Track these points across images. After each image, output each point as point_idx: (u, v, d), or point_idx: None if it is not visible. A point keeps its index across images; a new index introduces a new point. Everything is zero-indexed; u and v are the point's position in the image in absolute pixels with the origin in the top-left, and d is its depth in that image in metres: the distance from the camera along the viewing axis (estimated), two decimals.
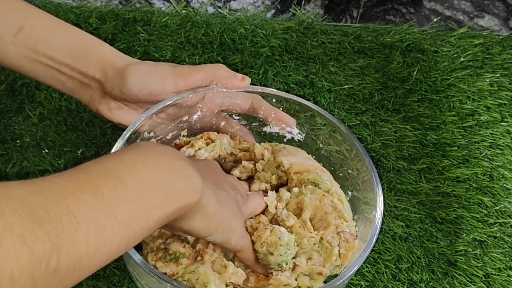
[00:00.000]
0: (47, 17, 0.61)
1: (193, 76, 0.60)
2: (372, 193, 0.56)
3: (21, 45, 0.58)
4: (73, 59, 0.59)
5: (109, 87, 0.59)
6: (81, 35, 0.61)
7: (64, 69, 0.60)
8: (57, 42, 0.59)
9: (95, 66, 0.60)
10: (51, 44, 0.59)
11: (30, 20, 0.59)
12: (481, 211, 0.71)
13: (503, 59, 0.90)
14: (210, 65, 0.62)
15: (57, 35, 0.59)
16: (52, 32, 0.59)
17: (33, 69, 0.60)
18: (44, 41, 0.59)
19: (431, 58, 0.88)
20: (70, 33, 0.60)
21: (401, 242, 0.68)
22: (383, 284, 0.64)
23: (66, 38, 0.60)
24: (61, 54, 0.59)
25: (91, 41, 0.61)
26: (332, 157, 0.63)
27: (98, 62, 0.60)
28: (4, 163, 0.70)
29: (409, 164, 0.75)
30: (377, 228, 0.53)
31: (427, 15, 1.00)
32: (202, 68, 0.61)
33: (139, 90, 0.58)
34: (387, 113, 0.80)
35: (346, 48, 0.88)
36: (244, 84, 0.62)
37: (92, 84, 0.61)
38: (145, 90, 0.58)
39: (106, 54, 0.60)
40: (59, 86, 0.62)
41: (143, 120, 0.57)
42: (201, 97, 0.61)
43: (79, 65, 0.60)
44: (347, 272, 0.50)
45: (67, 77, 0.61)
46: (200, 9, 0.93)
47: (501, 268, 0.67)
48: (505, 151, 0.78)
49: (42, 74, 0.61)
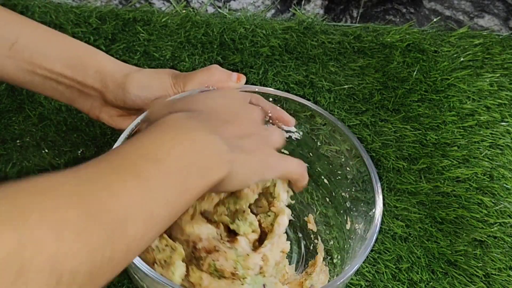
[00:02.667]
0: (41, 29, 0.61)
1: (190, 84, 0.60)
2: (372, 193, 0.56)
3: (17, 58, 0.58)
4: (71, 69, 0.59)
5: (110, 97, 0.60)
6: (76, 44, 0.61)
7: (61, 79, 0.60)
8: (52, 53, 0.59)
9: (93, 76, 0.60)
10: (47, 55, 0.59)
11: (24, 33, 0.59)
12: (481, 211, 0.71)
13: (503, 59, 0.90)
14: (204, 70, 0.61)
15: (52, 46, 0.59)
16: (47, 43, 0.59)
17: (30, 81, 0.61)
18: (39, 53, 0.59)
19: (431, 58, 0.88)
20: (65, 43, 0.60)
21: (401, 242, 0.68)
22: (383, 284, 0.64)
23: (62, 48, 0.60)
24: (58, 65, 0.59)
25: (87, 50, 0.61)
26: (332, 157, 0.63)
27: (96, 72, 0.60)
28: (4, 163, 0.70)
29: (409, 164, 0.75)
30: (376, 227, 0.53)
31: (427, 15, 0.99)
32: (197, 74, 0.60)
33: (142, 100, 0.59)
34: (387, 113, 0.80)
35: (346, 48, 0.88)
36: (240, 84, 0.62)
37: (92, 93, 0.61)
38: (149, 99, 0.59)
39: (103, 63, 0.60)
40: (57, 96, 0.62)
41: (141, 121, 0.57)
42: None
43: (77, 75, 0.60)
44: (347, 272, 0.50)
45: (65, 86, 0.61)
46: (200, 9, 0.93)
47: (501, 268, 0.67)
48: (505, 151, 0.78)
49: (39, 85, 0.61)
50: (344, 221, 0.59)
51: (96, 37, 0.84)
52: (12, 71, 0.59)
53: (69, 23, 0.85)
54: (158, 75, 0.60)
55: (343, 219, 0.60)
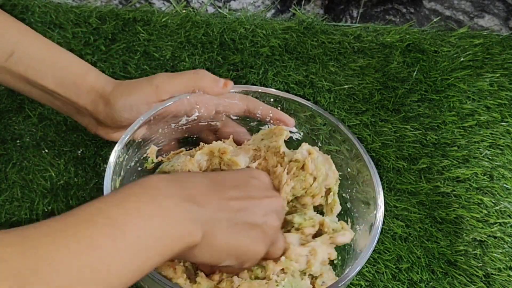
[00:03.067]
0: (38, 41, 0.60)
1: (174, 85, 0.59)
2: (372, 193, 0.56)
3: (12, 69, 0.59)
4: (64, 89, 0.60)
5: (101, 118, 0.60)
6: (71, 61, 0.61)
7: (57, 96, 0.60)
8: (47, 71, 0.59)
9: (85, 97, 0.60)
10: (42, 72, 0.59)
11: (21, 44, 0.59)
12: (481, 211, 0.71)
13: (503, 59, 0.90)
14: (191, 72, 0.61)
15: (47, 62, 0.59)
16: (42, 59, 0.59)
17: (28, 91, 0.61)
18: (34, 69, 0.59)
19: (431, 58, 0.88)
20: (60, 61, 0.60)
21: (401, 242, 0.68)
22: (383, 284, 0.64)
23: (56, 66, 0.60)
24: (52, 84, 0.59)
25: (80, 69, 0.61)
26: (332, 157, 0.63)
27: (88, 93, 0.60)
28: (4, 163, 0.70)
29: (409, 164, 0.75)
30: (378, 228, 0.53)
31: (427, 15, 0.99)
32: (183, 76, 0.60)
33: (129, 113, 0.59)
34: (387, 113, 0.80)
35: (346, 48, 0.88)
36: (226, 90, 0.61)
37: (86, 113, 0.62)
38: (134, 111, 0.59)
39: (94, 83, 0.60)
40: (55, 108, 0.63)
41: (141, 124, 0.57)
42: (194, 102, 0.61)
43: (70, 95, 0.60)
44: (349, 273, 0.50)
45: (61, 102, 0.62)
46: (200, 9, 0.93)
47: (501, 268, 0.67)
48: (505, 151, 0.78)
49: (37, 96, 0.62)
50: (345, 222, 0.59)
51: (96, 37, 0.84)
52: (9, 80, 0.60)
53: (69, 23, 0.85)
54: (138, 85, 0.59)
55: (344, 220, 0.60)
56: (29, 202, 0.67)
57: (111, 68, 0.80)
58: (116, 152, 0.54)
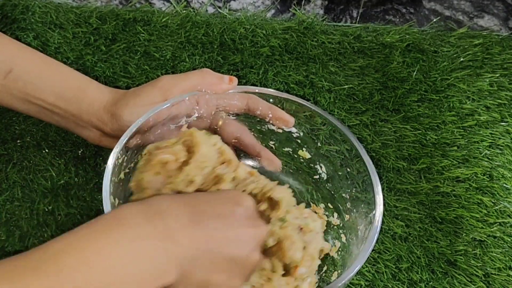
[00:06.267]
0: (35, 57, 0.61)
1: (180, 86, 0.59)
2: (372, 193, 0.56)
3: (11, 87, 0.59)
4: (65, 102, 0.59)
5: (108, 130, 0.60)
6: (70, 75, 0.61)
7: (56, 110, 0.60)
8: (47, 84, 0.59)
9: (88, 110, 0.60)
10: (41, 87, 0.59)
11: (18, 62, 0.59)
12: (480, 211, 0.71)
13: (503, 59, 0.90)
14: (195, 72, 0.61)
15: (46, 77, 0.59)
16: (40, 74, 0.59)
17: (26, 109, 0.61)
18: (33, 84, 0.59)
19: (431, 58, 0.88)
20: (59, 74, 0.60)
21: (401, 242, 0.68)
22: (383, 284, 0.64)
23: (55, 80, 0.60)
24: (52, 97, 0.59)
25: (80, 82, 0.61)
26: (332, 157, 0.63)
27: (90, 105, 0.60)
28: (5, 163, 0.70)
29: (409, 164, 0.75)
30: (377, 228, 0.53)
31: (426, 15, 1.00)
32: (188, 76, 0.60)
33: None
34: (387, 113, 0.80)
35: (346, 48, 0.88)
36: (232, 86, 0.61)
37: (89, 127, 0.61)
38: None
39: (95, 95, 0.60)
40: (54, 122, 0.63)
41: (140, 126, 0.57)
42: (195, 101, 0.61)
43: (71, 108, 0.60)
44: (348, 273, 0.50)
45: (60, 116, 0.61)
46: (200, 9, 0.93)
47: (501, 268, 0.67)
48: (504, 151, 0.78)
49: (35, 113, 0.62)
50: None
51: (97, 37, 0.84)
52: (6, 98, 0.60)
53: (69, 23, 0.85)
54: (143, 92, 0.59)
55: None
56: (29, 202, 0.67)
57: (112, 68, 0.80)
58: (115, 154, 0.54)
